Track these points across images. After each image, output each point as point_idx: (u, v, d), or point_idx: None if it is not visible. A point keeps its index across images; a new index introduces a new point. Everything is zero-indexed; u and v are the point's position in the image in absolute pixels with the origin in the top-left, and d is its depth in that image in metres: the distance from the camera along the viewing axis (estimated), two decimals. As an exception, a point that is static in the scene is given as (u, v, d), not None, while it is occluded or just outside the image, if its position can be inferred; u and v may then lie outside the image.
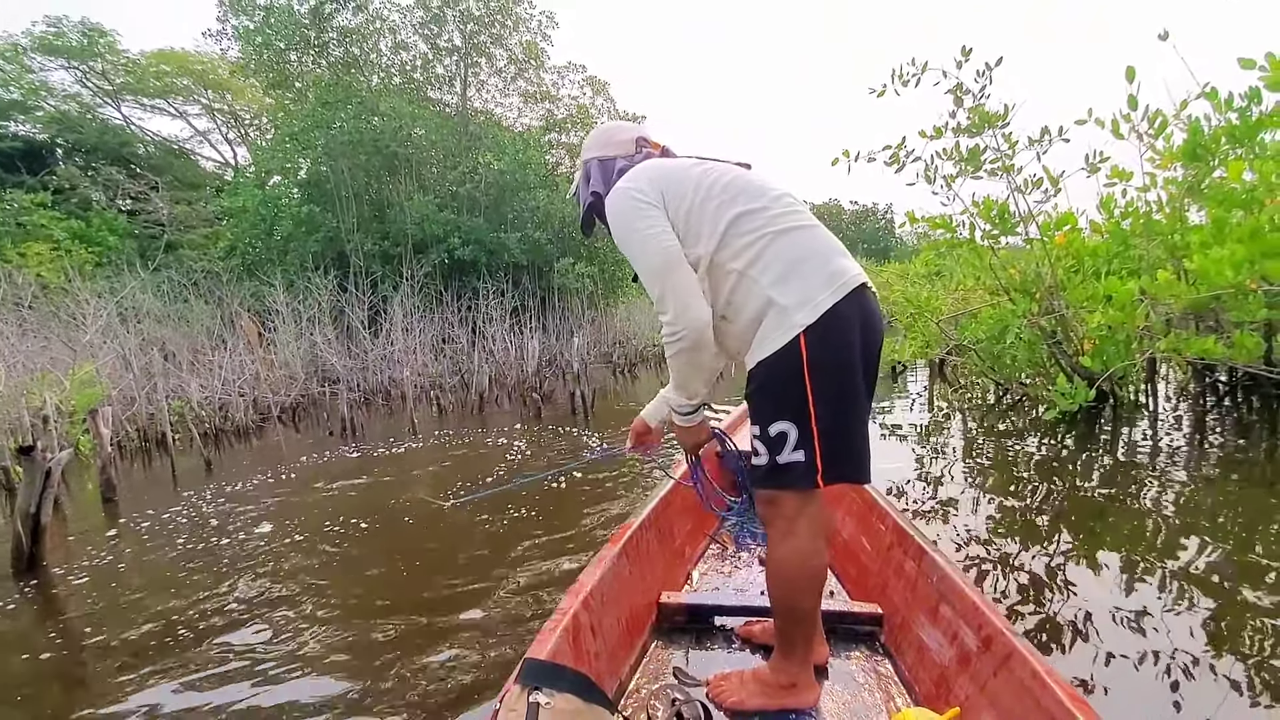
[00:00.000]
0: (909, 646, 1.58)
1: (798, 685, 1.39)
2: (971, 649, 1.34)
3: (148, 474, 6.36)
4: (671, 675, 1.54)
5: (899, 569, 1.80)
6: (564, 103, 17.87)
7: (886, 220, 39.07)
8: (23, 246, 14.95)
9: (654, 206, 1.35)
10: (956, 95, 4.70)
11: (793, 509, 1.32)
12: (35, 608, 2.89)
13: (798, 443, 1.26)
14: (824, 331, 1.24)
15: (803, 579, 1.33)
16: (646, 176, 1.40)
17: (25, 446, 3.04)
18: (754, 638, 1.70)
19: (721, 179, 1.38)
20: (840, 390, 1.27)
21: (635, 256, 1.36)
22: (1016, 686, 1.16)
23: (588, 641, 1.35)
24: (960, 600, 1.45)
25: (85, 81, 20.85)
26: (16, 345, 8.37)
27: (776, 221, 1.32)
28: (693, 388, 1.43)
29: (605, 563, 1.57)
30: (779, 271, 1.29)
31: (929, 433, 5.22)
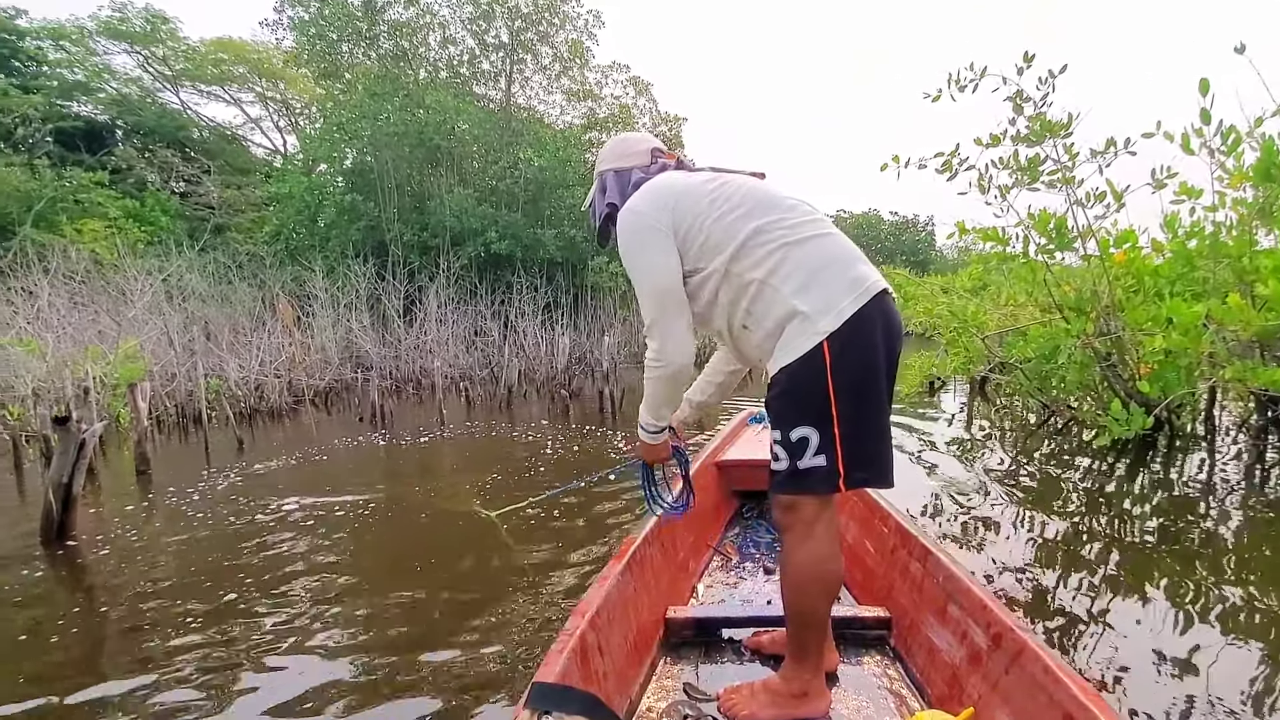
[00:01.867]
0: (919, 648, 1.57)
1: (810, 693, 1.38)
2: (982, 647, 1.34)
3: (183, 448, 6.49)
4: (682, 691, 1.52)
5: (904, 570, 1.79)
6: (606, 102, 17.91)
7: (927, 232, 38.26)
8: (79, 223, 15.51)
9: (661, 232, 1.38)
10: (1016, 102, 4.51)
11: (811, 514, 1.32)
12: (62, 575, 2.92)
13: (819, 447, 1.27)
14: (848, 337, 1.25)
15: (819, 584, 1.34)
16: (657, 196, 1.42)
17: (60, 417, 3.08)
18: (763, 648, 1.68)
19: (736, 192, 1.38)
20: (863, 395, 1.27)
21: (636, 280, 1.41)
22: (1029, 683, 1.15)
23: (596, 661, 1.31)
24: (968, 599, 1.44)
25: (146, 66, 21.56)
26: (66, 317, 8.63)
27: (795, 230, 1.33)
28: (662, 412, 1.52)
29: (610, 580, 1.54)
30: (801, 280, 1.29)
31: (966, 452, 5.02)
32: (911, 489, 3.86)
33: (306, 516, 3.64)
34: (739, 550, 2.43)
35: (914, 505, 3.52)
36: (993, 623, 1.33)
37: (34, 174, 16.57)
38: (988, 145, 4.77)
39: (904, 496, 3.68)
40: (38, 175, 16.60)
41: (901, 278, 7.96)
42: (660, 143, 1.64)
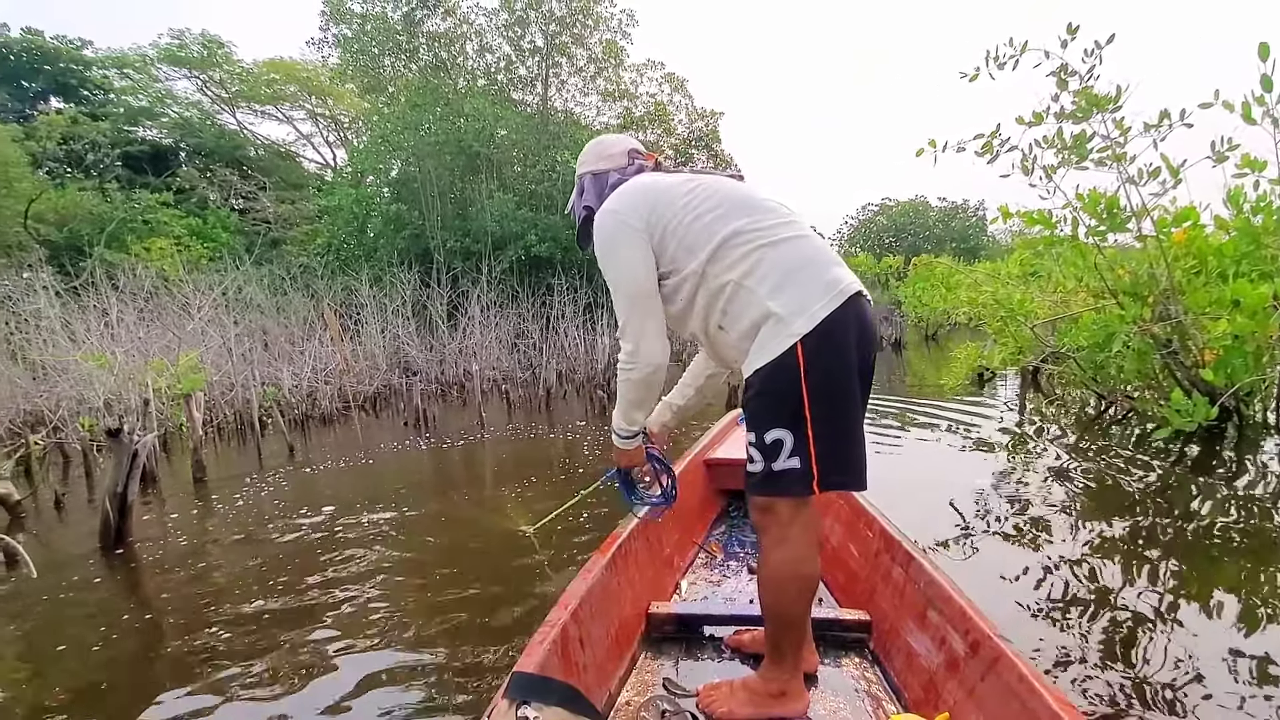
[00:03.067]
0: (897, 652, 1.58)
1: (787, 694, 1.39)
2: (959, 654, 1.34)
3: (240, 454, 6.77)
4: (661, 686, 1.53)
5: (886, 575, 1.79)
6: (642, 100, 17.88)
7: (978, 217, 36.84)
8: (147, 242, 16.40)
9: (637, 232, 1.38)
10: (1060, 77, 4.28)
11: (787, 516, 1.32)
12: (118, 580, 3.08)
13: (793, 449, 1.27)
14: (821, 339, 1.25)
15: (796, 586, 1.34)
16: (633, 197, 1.42)
17: (113, 429, 3.25)
18: (743, 647, 1.69)
19: (714, 194, 1.38)
20: (836, 397, 1.28)
21: (612, 281, 1.41)
22: (1004, 690, 1.16)
23: (576, 653, 1.32)
24: (948, 605, 1.45)
25: (205, 90, 22.65)
26: (133, 332, 9.12)
27: (771, 232, 1.33)
28: (634, 416, 1.51)
29: (593, 573, 1.55)
30: (775, 281, 1.30)
31: (1018, 446, 4.81)
32: (959, 485, 3.72)
33: (350, 521, 3.74)
34: (724, 548, 2.44)
35: (963, 503, 3.38)
36: (971, 630, 1.33)
37: (105, 197, 17.62)
38: (1030, 124, 4.55)
39: (952, 493, 3.55)
40: (108, 198, 17.65)
41: (944, 267, 7.68)
42: (639, 144, 1.64)
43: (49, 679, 2.12)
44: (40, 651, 2.33)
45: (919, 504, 3.48)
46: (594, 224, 1.46)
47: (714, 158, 18.12)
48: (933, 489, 3.77)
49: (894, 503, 3.45)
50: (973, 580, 2.42)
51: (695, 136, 18.14)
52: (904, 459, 4.58)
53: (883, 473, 4.23)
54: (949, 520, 3.14)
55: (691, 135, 18.17)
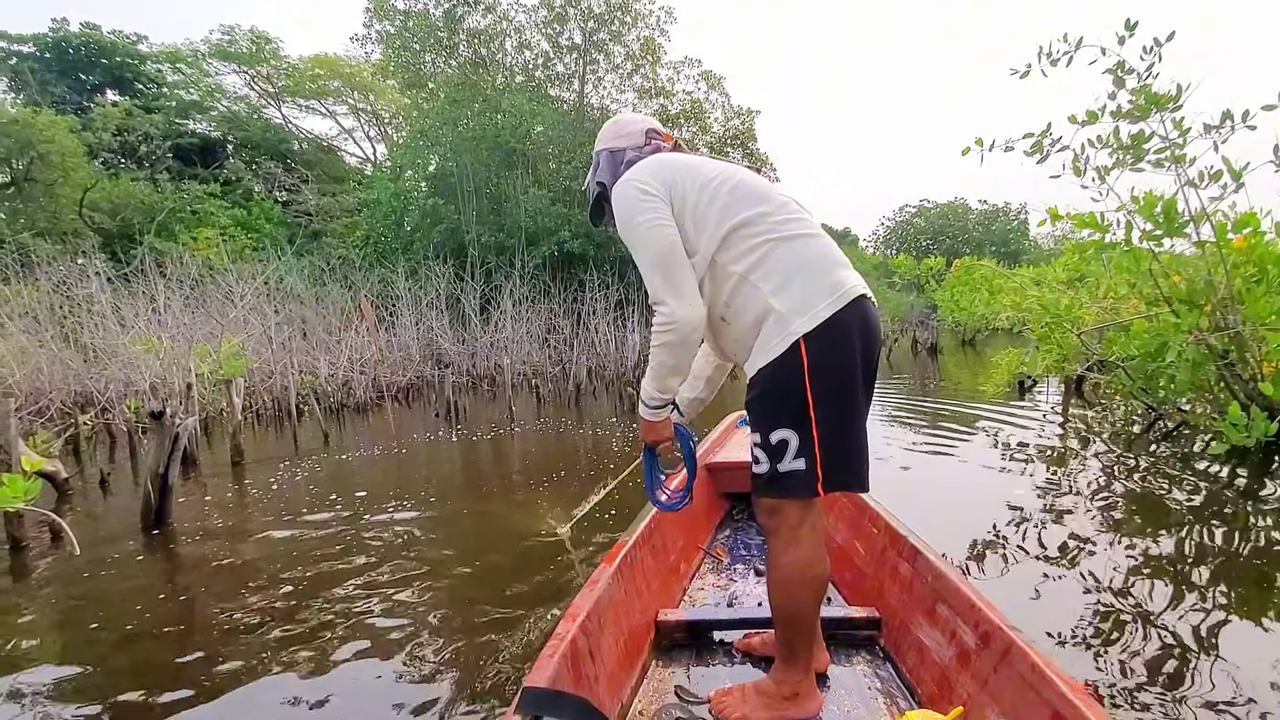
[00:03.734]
0: (909, 648, 1.57)
1: (800, 695, 1.38)
2: (970, 646, 1.34)
3: (277, 440, 6.92)
4: (673, 694, 1.52)
5: (894, 571, 1.79)
6: (678, 98, 17.80)
7: (1019, 221, 35.83)
8: (195, 231, 16.91)
9: (658, 199, 1.36)
10: (1117, 75, 4.11)
11: (796, 517, 1.32)
12: (157, 559, 3.16)
13: (799, 450, 1.27)
14: (824, 339, 1.25)
15: (806, 587, 1.33)
16: (653, 170, 1.41)
17: (155, 412, 3.33)
18: (753, 650, 1.68)
19: (728, 181, 1.37)
20: (841, 398, 1.27)
21: (636, 247, 1.37)
22: (1018, 681, 1.16)
23: (587, 665, 1.31)
24: (956, 598, 1.44)
25: (253, 85, 23.26)
26: (179, 318, 9.40)
27: (780, 228, 1.32)
28: (668, 383, 1.44)
29: (601, 584, 1.54)
30: (780, 279, 1.30)
31: (1060, 458, 4.64)
32: (995, 497, 3.61)
33: (381, 509, 3.78)
34: (730, 552, 2.42)
35: (998, 516, 3.27)
36: (981, 622, 1.33)
37: (156, 187, 18.21)
38: (1084, 123, 4.38)
39: (987, 505, 3.44)
40: (159, 189, 18.23)
41: (986, 269, 7.47)
42: (657, 124, 1.62)
43: (86, 652, 2.18)
44: (79, 625, 2.40)
45: (951, 515, 3.38)
46: (612, 196, 1.45)
47: (749, 156, 17.96)
48: (966, 500, 3.66)
49: (924, 513, 3.37)
50: (1006, 597, 2.34)
51: (731, 135, 18.00)
52: (937, 467, 4.46)
53: (914, 481, 4.13)
54: (983, 533, 3.04)
55: (727, 134, 18.03)
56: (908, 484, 4.12)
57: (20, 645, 2.26)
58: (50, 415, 7.07)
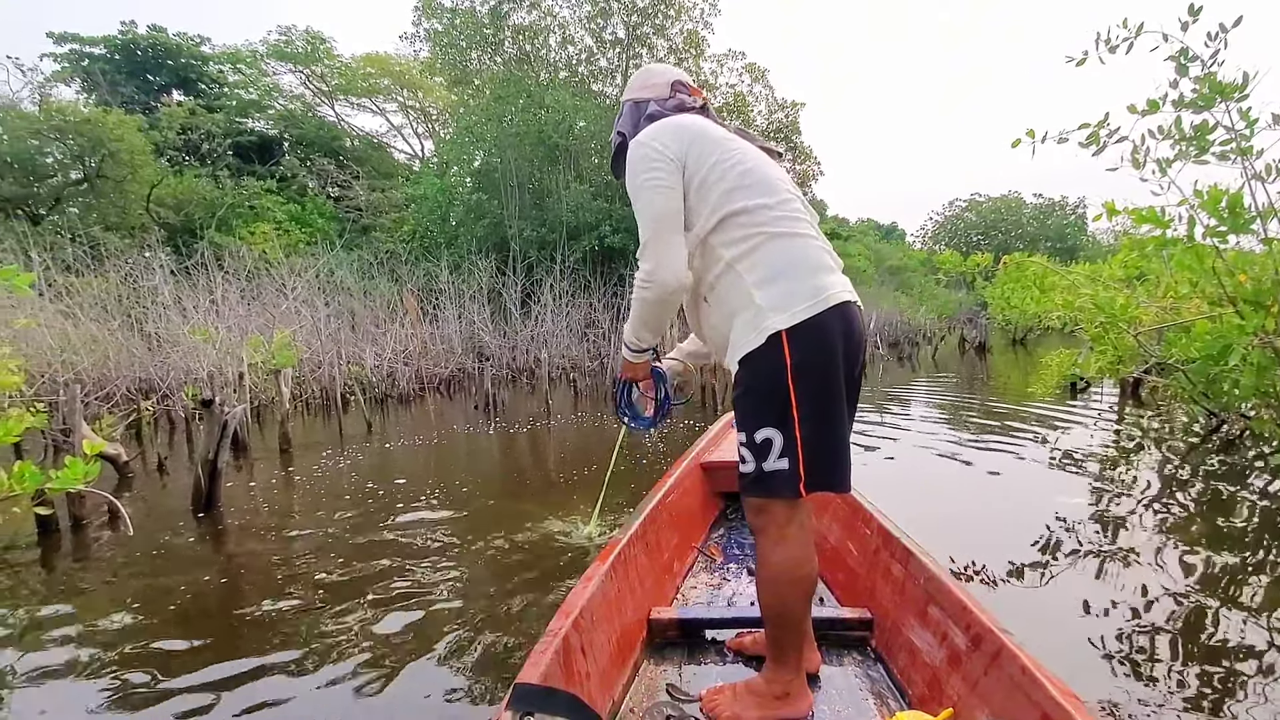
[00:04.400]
0: (900, 649, 1.58)
1: (791, 694, 1.39)
2: (961, 648, 1.35)
3: (324, 428, 7.16)
4: (664, 692, 1.53)
5: (886, 572, 1.80)
6: (721, 91, 17.64)
7: (1076, 215, 34.30)
8: (252, 226, 17.58)
9: (671, 162, 1.35)
10: (1180, 62, 3.89)
11: (784, 517, 1.32)
12: (206, 540, 3.31)
13: (782, 450, 1.28)
14: (806, 340, 1.26)
15: (795, 586, 1.34)
16: (672, 131, 1.39)
17: (205, 400, 3.48)
18: (745, 649, 1.69)
19: (739, 165, 1.36)
20: (823, 399, 1.28)
21: (637, 203, 1.37)
22: (1007, 683, 1.16)
23: (579, 662, 1.31)
24: (948, 600, 1.45)
25: (308, 84, 24.01)
26: (235, 309, 9.80)
27: (776, 223, 1.33)
28: (643, 335, 1.50)
29: (594, 581, 1.54)
30: (765, 273, 1.30)
31: (1113, 464, 4.45)
32: (1041, 504, 3.48)
33: (418, 497, 3.88)
34: (723, 551, 2.44)
35: (1045, 524, 3.15)
36: (972, 624, 1.34)
37: (217, 184, 18.98)
38: (1144, 112, 4.16)
39: (1032, 512, 3.32)
40: (220, 185, 18.99)
41: (1037, 266, 7.18)
42: (686, 76, 1.59)
43: (134, 626, 2.29)
44: (129, 601, 2.53)
45: (993, 522, 3.28)
46: (629, 148, 1.43)
47: (793, 149, 17.69)
48: (1010, 507, 3.54)
49: (964, 521, 3.28)
50: (1048, 613, 2.26)
51: (774, 128, 17.75)
52: (980, 471, 4.33)
53: (955, 486, 4.01)
54: (1026, 542, 2.93)
55: (770, 126, 17.79)
56: (949, 485, 4.01)
57: (77, 617, 2.39)
58: (115, 401, 7.45)
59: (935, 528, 3.18)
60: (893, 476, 4.30)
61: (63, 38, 20.32)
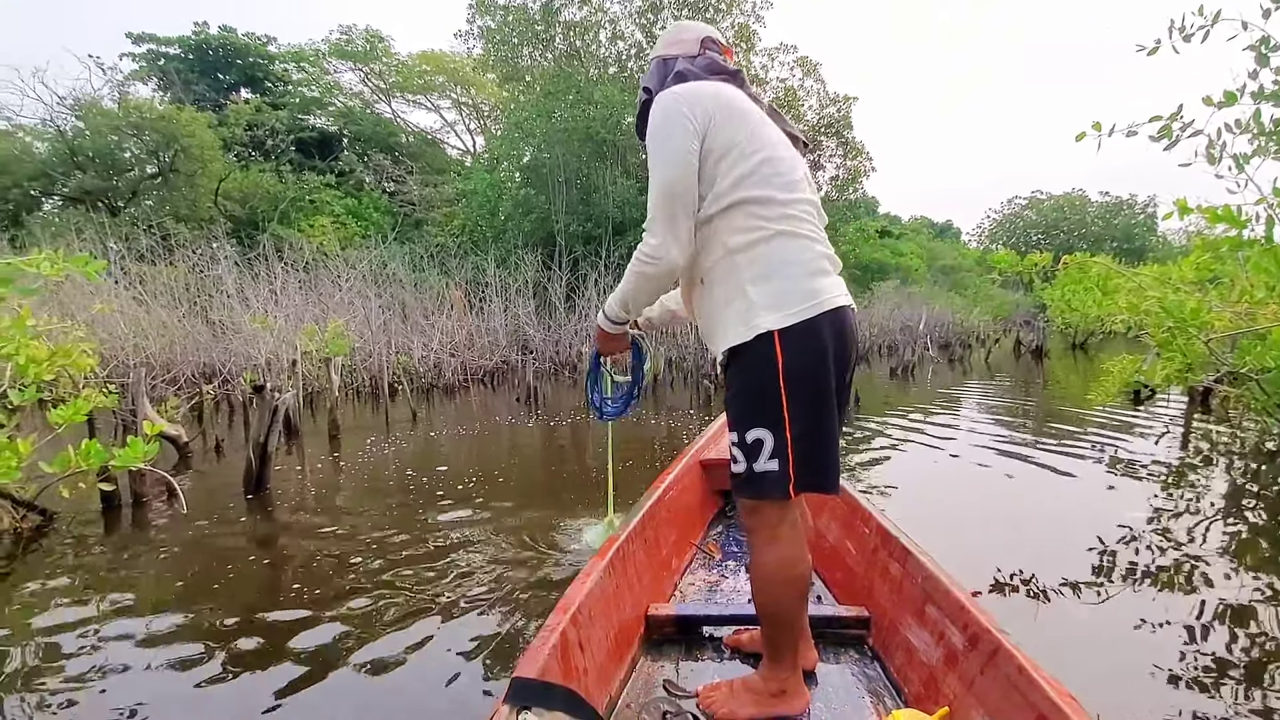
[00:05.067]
0: (897, 648, 1.59)
1: (787, 691, 1.39)
2: (958, 647, 1.35)
3: (372, 416, 7.38)
4: (661, 688, 1.54)
5: (884, 571, 1.80)
6: (771, 86, 17.38)
7: (1146, 215, 32.52)
8: (311, 219, 18.24)
9: (692, 130, 1.30)
10: (1260, 52, 3.64)
11: (775, 516, 1.33)
12: (256, 519, 3.46)
13: (773, 451, 1.28)
14: (797, 341, 1.26)
15: (788, 585, 1.34)
16: (703, 97, 1.33)
17: (257, 385, 3.62)
18: (742, 646, 1.69)
19: (760, 152, 1.32)
20: (813, 400, 1.28)
21: (654, 169, 1.33)
22: (1003, 682, 1.17)
23: (576, 658, 1.32)
24: (946, 599, 1.46)
25: (366, 81, 24.74)
26: (293, 299, 10.18)
27: (782, 220, 1.31)
28: (632, 306, 1.45)
29: (593, 577, 1.55)
30: (762, 269, 1.29)
31: (1178, 477, 4.21)
32: (1099, 517, 3.31)
33: (457, 487, 3.96)
34: (721, 549, 2.45)
35: (1103, 538, 3.00)
36: (969, 623, 1.34)
37: (280, 178, 19.75)
38: (1220, 105, 3.92)
39: (1089, 525, 3.17)
40: (282, 180, 19.76)
41: (1100, 267, 6.85)
42: (718, 34, 1.53)
43: (184, 597, 2.41)
44: (181, 574, 2.66)
45: (1043, 533, 3.14)
46: (654, 104, 1.38)
47: (844, 145, 17.32)
48: (1065, 518, 3.39)
49: (1013, 530, 3.16)
50: (1103, 630, 2.15)
51: (826, 123, 17.41)
52: (1035, 481, 4.15)
53: (1008, 495, 3.87)
54: (1081, 555, 2.80)
55: (822, 121, 17.45)
56: (997, 492, 3.88)
57: (133, 587, 2.53)
58: (180, 384, 7.84)
59: (981, 536, 3.08)
60: (939, 481, 4.18)
61: (140, 38, 21.44)
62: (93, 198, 16.91)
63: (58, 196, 17.75)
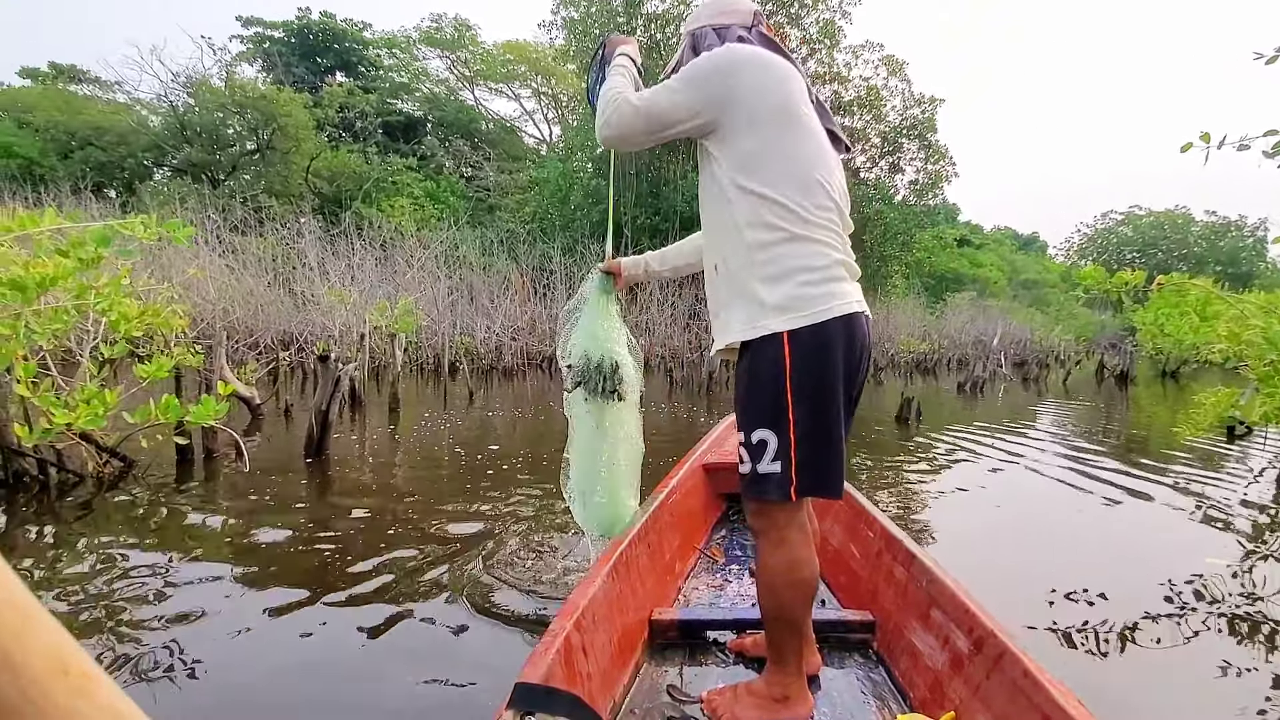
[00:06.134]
0: (902, 652, 1.57)
1: (791, 697, 1.38)
2: (964, 652, 1.34)
3: (433, 392, 7.64)
4: (665, 693, 1.53)
5: (889, 575, 1.78)
6: (853, 84, 16.89)
7: (1255, 239, 29.89)
8: (391, 200, 18.99)
9: (719, 98, 1.30)
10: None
11: (783, 519, 1.32)
12: (316, 482, 3.63)
13: (776, 453, 1.27)
14: (806, 345, 1.26)
15: (794, 589, 1.33)
16: (774, 87, 1.31)
17: (322, 355, 3.80)
18: (746, 651, 1.68)
19: (805, 154, 1.31)
20: (819, 405, 1.27)
21: (674, 87, 1.34)
22: (1010, 687, 1.16)
23: (580, 662, 1.31)
24: (951, 603, 1.44)
25: (452, 69, 25.50)
26: (369, 275, 10.64)
27: (804, 225, 1.29)
28: (603, 90, 1.51)
29: (596, 582, 1.53)
30: (776, 270, 1.28)
31: (1272, 526, 3.87)
32: (1179, 559, 3.08)
33: (502, 466, 4.05)
34: (725, 553, 2.43)
35: (1185, 576, 2.78)
36: (975, 627, 1.33)
37: (366, 160, 20.64)
38: (1350, 120, 3.55)
39: (1167, 566, 2.96)
40: (368, 161, 20.64)
41: (1200, 290, 6.35)
42: (759, 7, 1.53)
43: (243, 548, 2.56)
44: (237, 527, 2.82)
45: (1120, 571, 2.91)
46: (715, 47, 1.39)
47: (926, 148, 16.66)
48: (1141, 556, 3.15)
49: (1084, 567, 2.96)
50: (1184, 675, 2.00)
51: (908, 125, 16.79)
52: (1110, 514, 3.86)
53: (1079, 524, 3.62)
54: (1158, 597, 2.59)
55: (904, 123, 16.84)
56: (1068, 523, 3.64)
57: (196, 535, 2.71)
58: (261, 349, 8.33)
59: (1048, 570, 2.89)
60: (1003, 509, 3.98)
61: (250, 21, 22.78)
62: (197, 170, 18.13)
63: (167, 168, 19.12)
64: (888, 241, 16.90)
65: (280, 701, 1.64)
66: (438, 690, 1.67)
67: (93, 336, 3.44)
